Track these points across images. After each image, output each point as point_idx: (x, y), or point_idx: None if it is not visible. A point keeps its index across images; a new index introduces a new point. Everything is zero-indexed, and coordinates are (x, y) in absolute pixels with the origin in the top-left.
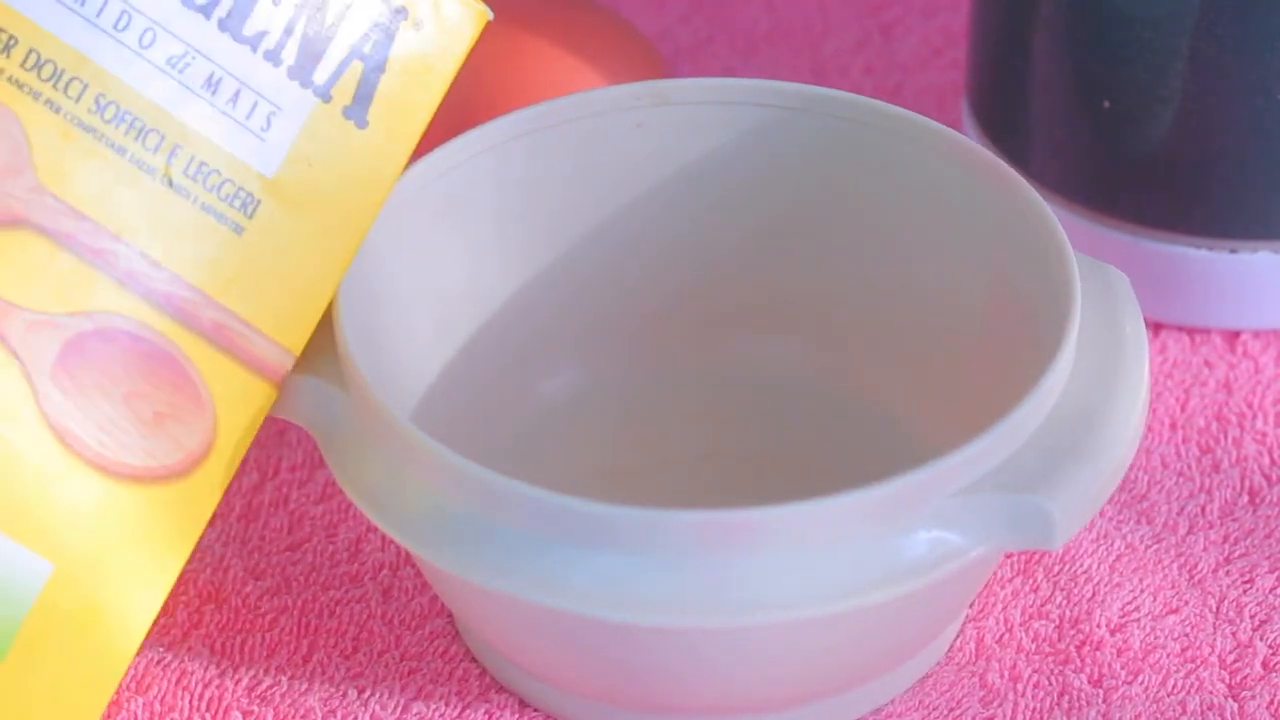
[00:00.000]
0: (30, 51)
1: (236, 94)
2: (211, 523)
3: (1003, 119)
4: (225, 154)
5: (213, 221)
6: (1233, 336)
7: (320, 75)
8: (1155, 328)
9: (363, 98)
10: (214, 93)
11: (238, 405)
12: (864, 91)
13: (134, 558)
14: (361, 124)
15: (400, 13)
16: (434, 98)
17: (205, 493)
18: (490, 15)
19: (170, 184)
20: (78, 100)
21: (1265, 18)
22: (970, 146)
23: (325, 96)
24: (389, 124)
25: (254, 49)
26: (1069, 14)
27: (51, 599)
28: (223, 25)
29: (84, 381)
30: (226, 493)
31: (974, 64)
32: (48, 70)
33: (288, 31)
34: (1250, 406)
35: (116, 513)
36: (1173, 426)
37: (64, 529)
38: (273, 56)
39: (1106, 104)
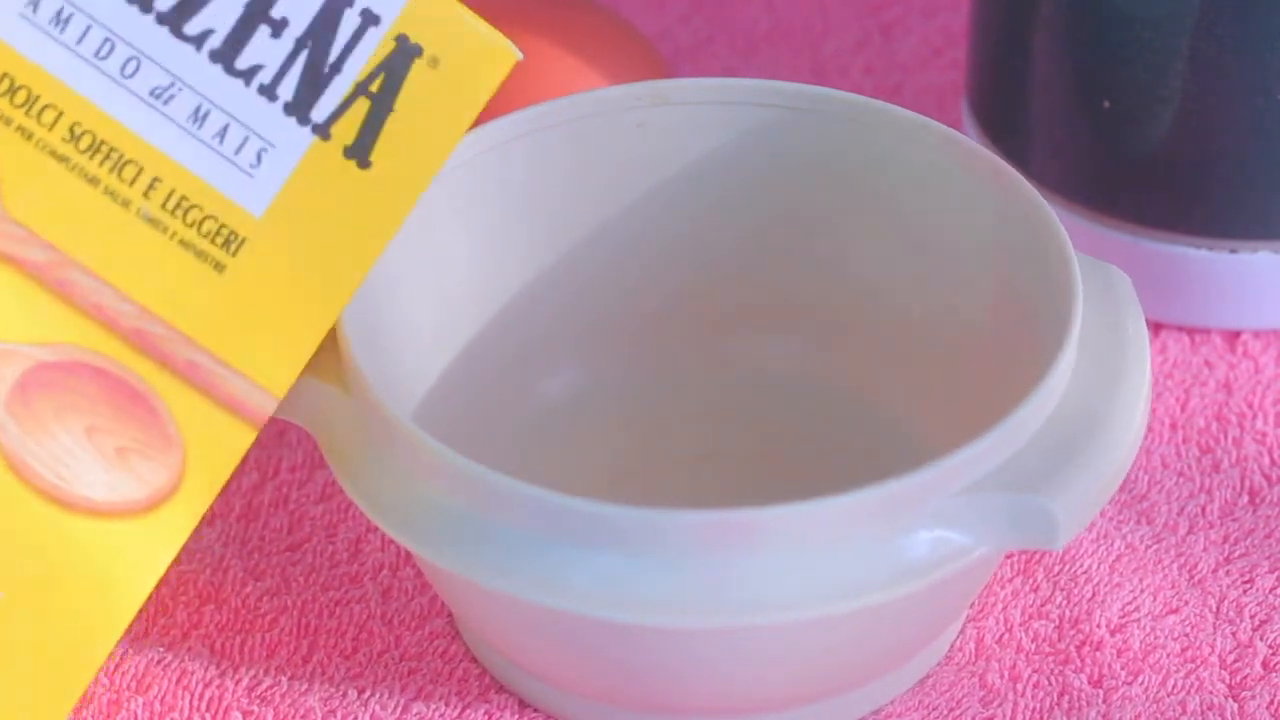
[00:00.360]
0: (4, 76)
1: (225, 128)
2: (211, 522)
3: (1003, 119)
4: (208, 189)
5: (190, 258)
6: (1233, 336)
7: (320, 112)
8: (1155, 328)
9: (367, 137)
10: (200, 126)
11: (209, 445)
12: (864, 91)
13: (89, 593)
14: (364, 164)
15: (415, 49)
16: (450, 139)
17: (169, 531)
18: (519, 55)
19: (146, 217)
20: (51, 128)
21: (1265, 18)
22: (970, 146)
23: (324, 134)
24: (396, 164)
25: (247, 83)
26: (1069, 14)
27: None
28: (214, 57)
29: (43, 413)
30: (226, 493)
31: (974, 64)
32: (21, 96)
33: (286, 66)
34: (1250, 406)
35: (73, 547)
36: (1173, 426)
37: (15, 560)
38: (268, 91)
39: (1106, 104)
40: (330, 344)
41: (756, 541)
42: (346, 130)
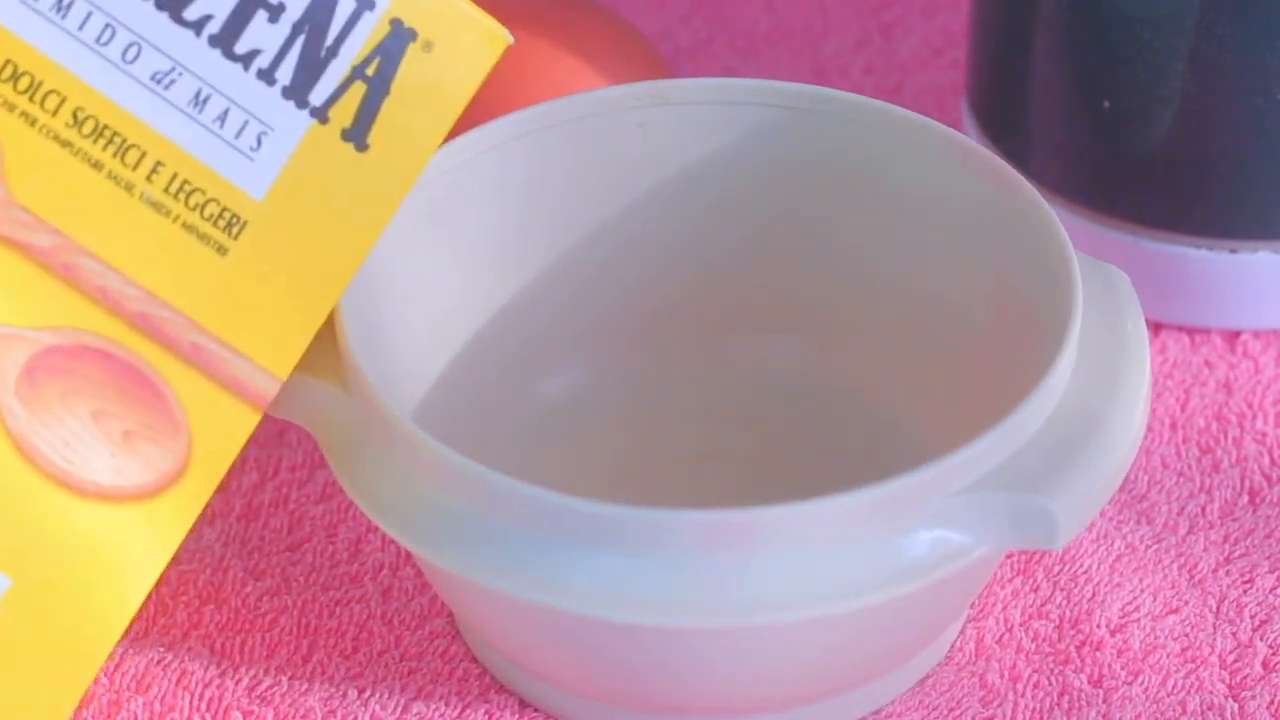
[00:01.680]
0: (6, 63)
1: (225, 112)
2: (211, 522)
3: (1003, 119)
4: (210, 173)
5: (194, 241)
6: (1233, 336)
7: (317, 96)
8: (1155, 328)
9: (364, 120)
10: (200, 110)
11: (215, 428)
12: (864, 91)
13: (98, 577)
14: (361, 146)
15: (409, 34)
16: (444, 121)
17: (177, 514)
18: (510, 39)
19: (149, 201)
20: (55, 114)
21: (1265, 18)
22: (970, 146)
23: (322, 117)
24: (392, 147)
25: (246, 67)
26: (1069, 14)
27: (7, 617)
28: (213, 42)
29: (49, 397)
30: (226, 493)
31: (974, 64)
32: (24, 82)
33: (284, 50)
34: (1250, 406)
35: (80, 531)
36: (1173, 426)
37: (24, 545)
38: (266, 75)
39: (1106, 104)
40: (330, 343)
41: (756, 541)
42: (344, 113)
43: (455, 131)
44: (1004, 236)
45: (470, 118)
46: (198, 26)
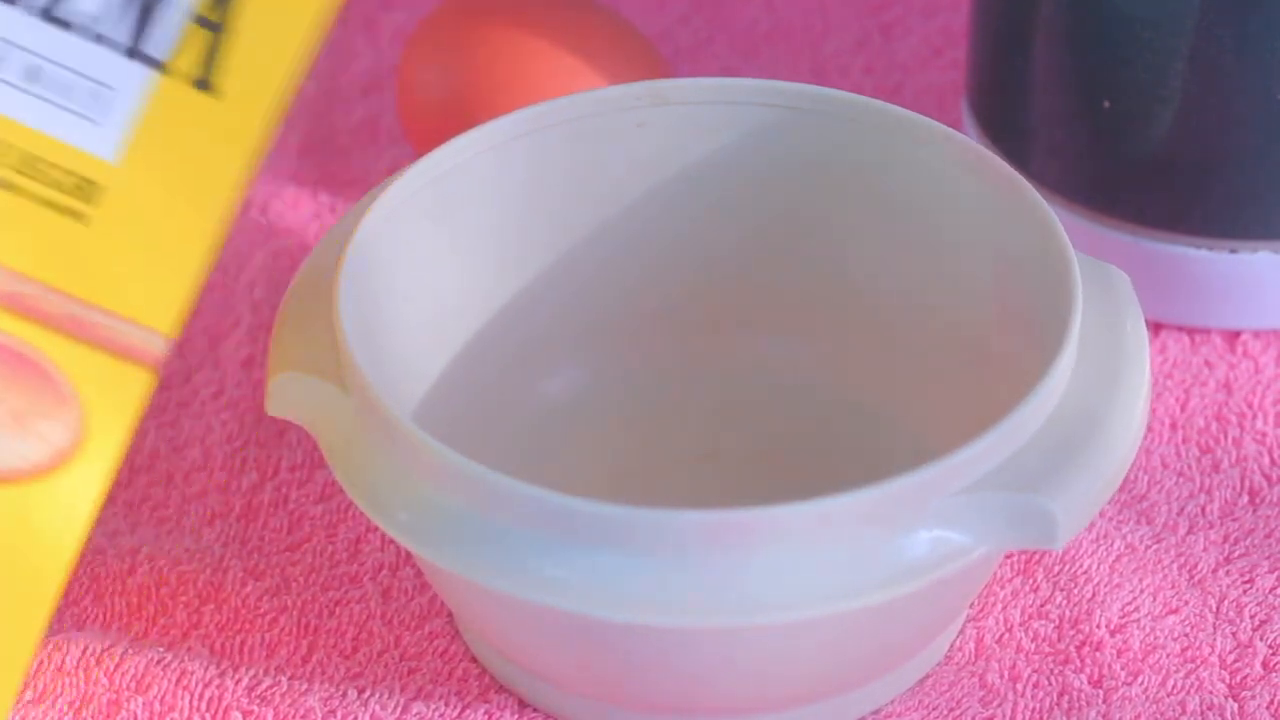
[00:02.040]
0: None
1: (62, 81)
2: (211, 523)
3: (1003, 119)
4: (57, 144)
5: (52, 214)
6: (1233, 336)
7: (156, 48)
8: (1155, 328)
9: (208, 63)
10: (37, 84)
11: (107, 395)
12: (864, 91)
13: (11, 562)
14: (210, 90)
15: None
16: (293, 53)
17: (81, 486)
18: None
19: None
20: None
21: (1265, 18)
22: (971, 146)
23: (164, 69)
24: (240, 86)
25: (77, 32)
26: (1069, 14)
27: None
28: (39, 13)
29: None
30: (226, 492)
31: (974, 64)
32: None
33: (114, 8)
34: (1250, 406)
35: None
36: (1173, 426)
37: None
38: (99, 37)
39: (1106, 104)
40: (330, 343)
41: (756, 541)
42: (187, 61)
43: (454, 132)
44: (1004, 236)
45: (471, 118)
46: (19, 1)
